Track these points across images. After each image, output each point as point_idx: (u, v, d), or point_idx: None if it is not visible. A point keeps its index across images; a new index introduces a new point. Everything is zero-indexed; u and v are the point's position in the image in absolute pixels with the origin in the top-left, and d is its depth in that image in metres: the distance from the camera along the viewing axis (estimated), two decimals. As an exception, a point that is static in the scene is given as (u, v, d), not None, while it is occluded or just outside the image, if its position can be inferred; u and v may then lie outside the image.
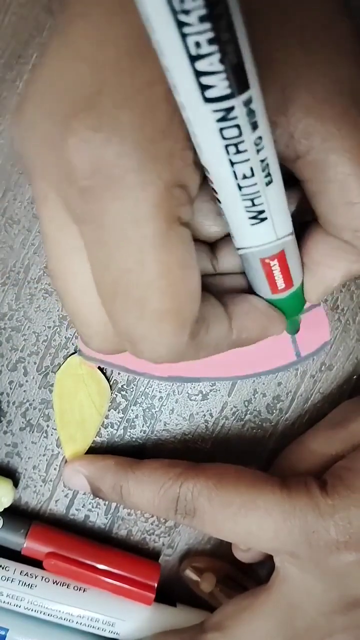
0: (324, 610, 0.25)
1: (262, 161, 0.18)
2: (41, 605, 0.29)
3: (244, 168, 0.18)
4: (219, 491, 0.26)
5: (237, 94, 0.16)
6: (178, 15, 0.13)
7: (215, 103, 0.16)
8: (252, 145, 0.17)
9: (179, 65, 0.15)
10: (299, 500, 0.24)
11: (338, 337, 0.30)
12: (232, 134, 0.17)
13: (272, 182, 0.19)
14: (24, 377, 0.30)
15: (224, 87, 0.15)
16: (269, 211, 0.19)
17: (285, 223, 0.21)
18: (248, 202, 0.19)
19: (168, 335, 0.19)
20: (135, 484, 0.27)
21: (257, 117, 0.17)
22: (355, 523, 0.24)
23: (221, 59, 0.15)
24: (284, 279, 0.22)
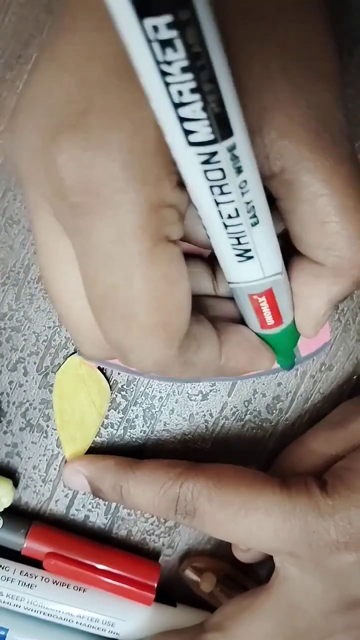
0: (324, 610, 0.25)
1: (247, 203, 0.18)
2: (41, 605, 0.29)
3: (228, 209, 0.18)
4: (219, 491, 0.26)
5: (220, 140, 0.16)
6: (161, 65, 0.14)
7: (199, 147, 0.16)
8: (236, 188, 0.17)
9: (164, 109, 0.15)
10: (299, 500, 0.24)
11: (338, 338, 0.30)
12: (216, 177, 0.17)
13: (259, 223, 0.19)
14: (24, 377, 0.30)
15: (207, 134, 0.16)
16: (255, 250, 0.20)
17: (274, 262, 0.21)
18: (234, 240, 0.19)
19: (155, 348, 0.20)
20: (136, 484, 0.27)
21: (242, 162, 0.17)
22: (355, 523, 0.24)
23: (203, 108, 0.15)
24: (273, 316, 0.23)
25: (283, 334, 0.24)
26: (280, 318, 0.23)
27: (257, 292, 0.22)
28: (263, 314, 0.23)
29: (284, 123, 0.19)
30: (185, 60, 0.14)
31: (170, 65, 0.14)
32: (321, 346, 0.30)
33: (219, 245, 0.20)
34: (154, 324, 0.19)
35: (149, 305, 0.19)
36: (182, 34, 0.13)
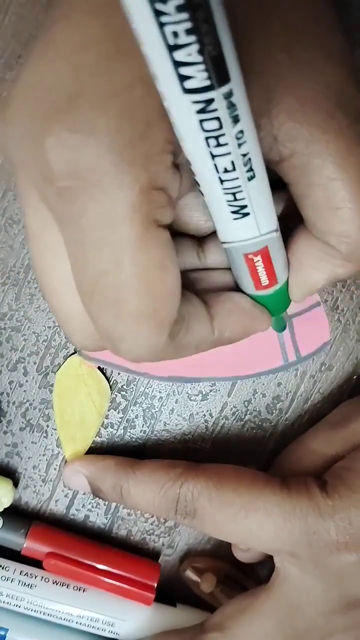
0: (324, 610, 0.25)
1: (243, 155, 0.18)
2: (41, 605, 0.29)
3: (225, 162, 0.17)
4: (219, 492, 0.26)
5: (217, 87, 0.15)
6: (155, 3, 0.13)
7: (195, 94, 0.15)
8: (233, 139, 0.17)
9: (158, 54, 0.14)
10: (299, 500, 0.24)
11: (338, 337, 0.30)
12: (213, 127, 0.16)
13: (255, 177, 0.18)
14: (24, 377, 0.30)
15: (203, 79, 0.15)
16: (251, 206, 0.19)
17: (269, 219, 0.20)
18: (230, 196, 0.19)
19: (145, 337, 0.20)
20: (136, 485, 0.27)
21: (239, 111, 0.16)
22: (355, 524, 0.24)
23: (200, 50, 0.14)
24: (268, 275, 0.22)
25: (277, 295, 0.24)
26: (275, 277, 0.23)
27: (252, 251, 0.21)
28: (258, 274, 0.22)
29: (292, 104, 0.18)
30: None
31: (165, 3, 0.13)
32: (321, 346, 0.30)
33: (214, 203, 0.20)
34: (145, 311, 0.19)
35: (140, 291, 0.19)
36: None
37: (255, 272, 0.22)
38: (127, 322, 0.19)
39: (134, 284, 0.18)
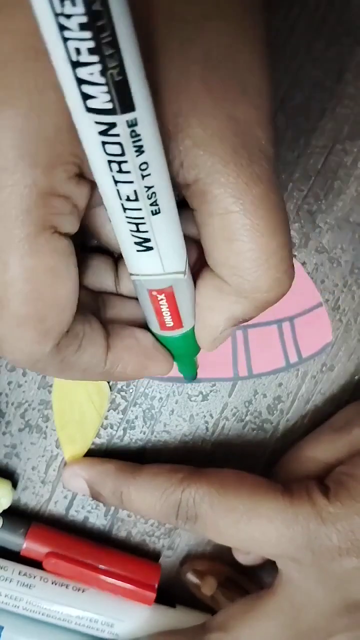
0: (326, 612, 0.25)
1: (147, 187, 0.17)
2: (40, 606, 0.29)
3: (127, 190, 0.17)
4: (221, 497, 0.25)
5: (119, 112, 0.15)
6: (59, 17, 0.13)
7: (97, 115, 0.15)
8: (136, 169, 0.17)
9: (63, 68, 0.14)
10: (301, 507, 0.24)
11: (339, 338, 0.30)
12: (115, 151, 0.16)
13: (160, 212, 0.18)
14: (23, 377, 0.30)
15: (105, 101, 0.15)
16: (155, 241, 0.19)
17: (176, 259, 0.20)
18: (132, 226, 0.19)
19: (26, 342, 0.19)
20: (136, 490, 0.27)
21: (144, 142, 0.16)
22: (357, 531, 0.24)
23: (102, 72, 0.14)
24: (173, 317, 0.22)
25: (184, 339, 0.23)
26: (180, 321, 0.22)
27: (156, 288, 0.21)
28: (162, 314, 0.22)
29: (199, 132, 0.18)
30: (84, 16, 0.13)
31: (69, 19, 0.13)
32: (323, 347, 0.30)
33: (118, 229, 0.19)
34: (28, 316, 0.19)
35: (24, 294, 0.18)
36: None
37: (160, 311, 0.22)
38: (9, 323, 0.19)
39: (19, 286, 0.18)
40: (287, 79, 0.28)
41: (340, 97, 0.28)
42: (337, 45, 0.28)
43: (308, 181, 0.29)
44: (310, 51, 0.28)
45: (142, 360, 0.24)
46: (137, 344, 0.24)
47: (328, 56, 0.28)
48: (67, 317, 0.20)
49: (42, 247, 0.18)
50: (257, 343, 0.29)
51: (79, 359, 0.22)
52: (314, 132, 0.28)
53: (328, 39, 0.28)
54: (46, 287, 0.19)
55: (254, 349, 0.29)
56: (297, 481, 0.26)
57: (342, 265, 0.29)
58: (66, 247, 0.19)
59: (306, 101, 0.28)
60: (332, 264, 0.29)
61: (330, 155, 0.28)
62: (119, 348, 0.23)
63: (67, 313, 0.20)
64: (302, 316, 0.29)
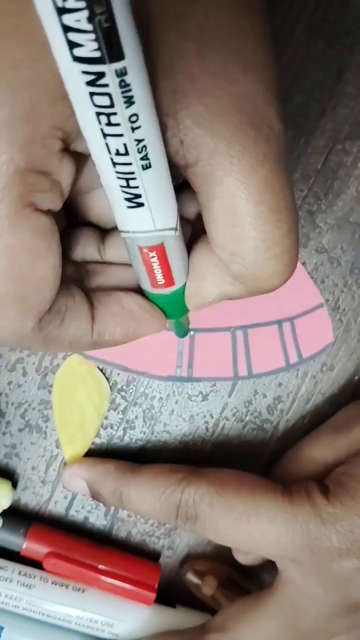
0: (326, 613, 0.25)
1: (138, 141, 0.17)
2: (40, 606, 0.29)
3: (117, 143, 0.17)
4: (220, 497, 0.25)
5: (108, 61, 0.14)
6: None
7: (84, 64, 0.15)
8: (126, 121, 0.16)
9: (48, 15, 0.14)
10: (301, 507, 0.24)
11: (339, 338, 0.30)
12: (104, 103, 0.16)
13: (151, 167, 0.18)
14: (23, 377, 0.30)
15: (93, 50, 0.14)
16: (145, 197, 0.18)
17: (167, 216, 0.20)
18: (123, 182, 0.18)
19: (9, 320, 0.19)
20: (136, 490, 0.27)
21: (134, 93, 0.15)
22: (357, 532, 0.24)
23: (89, 18, 0.14)
24: (164, 275, 0.22)
25: (175, 297, 0.23)
26: (172, 279, 0.22)
27: (147, 245, 0.20)
28: (154, 271, 0.22)
29: (200, 111, 0.17)
30: None
31: None
32: (323, 347, 0.30)
33: (109, 187, 0.19)
34: (8, 294, 0.19)
35: (4, 272, 0.18)
36: None
37: (151, 269, 0.22)
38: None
39: None
40: (287, 78, 0.28)
41: (340, 97, 0.28)
42: (337, 45, 0.28)
43: (308, 181, 0.29)
44: (310, 51, 0.28)
45: (129, 324, 0.23)
46: (122, 309, 0.23)
47: (328, 56, 0.28)
48: (48, 295, 0.20)
49: (21, 225, 0.18)
50: (257, 343, 0.29)
51: (62, 332, 0.21)
52: (314, 132, 0.28)
53: (328, 39, 0.28)
54: (26, 266, 0.18)
55: (254, 349, 0.29)
56: (297, 481, 0.26)
57: (342, 265, 0.29)
58: (47, 225, 0.19)
59: (306, 101, 0.28)
60: (332, 264, 0.29)
61: (330, 155, 0.28)
62: (105, 317, 0.23)
63: (48, 291, 0.20)
64: (302, 316, 0.29)
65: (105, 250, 0.25)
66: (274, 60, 0.18)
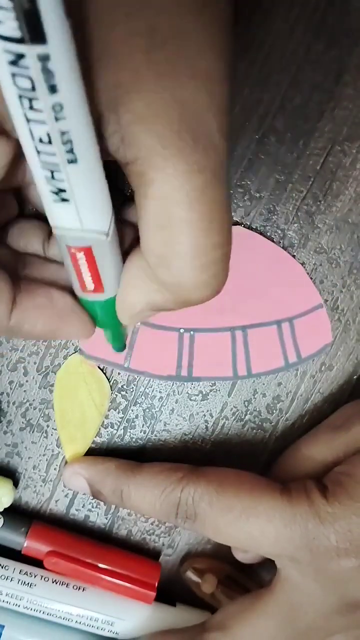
0: (324, 611, 0.25)
1: (62, 133, 0.16)
2: (40, 605, 0.29)
3: (40, 131, 0.16)
4: (220, 496, 0.25)
5: (29, 43, 0.14)
6: None
7: (5, 42, 0.14)
8: (48, 109, 0.16)
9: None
10: (300, 506, 0.24)
11: (338, 338, 0.30)
12: (25, 86, 0.15)
13: (77, 162, 0.17)
14: (24, 377, 0.30)
15: (13, 28, 0.14)
16: (71, 193, 0.18)
17: (97, 218, 0.19)
18: (47, 172, 0.17)
19: None
20: (136, 488, 0.27)
21: (57, 81, 0.15)
22: (355, 531, 0.24)
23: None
24: (93, 279, 0.21)
25: (107, 306, 0.22)
26: (101, 285, 0.21)
27: (75, 246, 0.20)
28: (82, 274, 0.21)
29: (140, 108, 0.17)
30: None
31: None
32: (322, 347, 0.30)
33: (35, 174, 0.18)
34: None
35: None
36: None
37: (80, 271, 0.21)
38: None
39: None
40: (286, 80, 0.28)
41: (339, 98, 0.28)
42: (336, 46, 0.28)
43: (307, 182, 0.29)
44: (309, 53, 0.28)
45: (53, 321, 0.23)
46: (50, 303, 0.23)
47: (327, 58, 0.28)
48: None
49: None
50: (256, 343, 0.29)
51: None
52: (312, 134, 0.28)
53: (327, 41, 0.28)
54: None
55: (253, 349, 0.29)
56: (296, 480, 0.26)
57: (341, 265, 0.30)
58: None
59: (305, 103, 0.28)
60: (330, 265, 0.30)
61: (329, 157, 0.29)
62: (28, 306, 0.22)
63: None
64: (301, 317, 0.29)
65: (49, 247, 0.25)
66: (229, 78, 0.18)
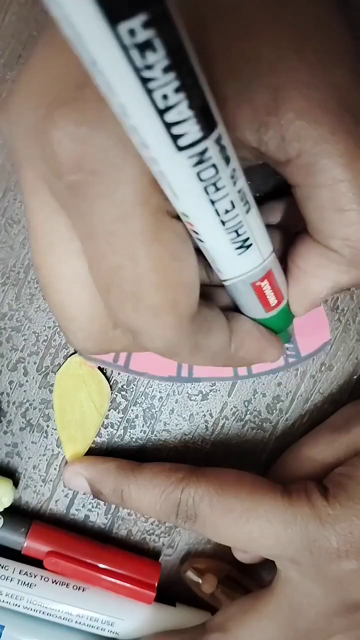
0: (325, 612, 0.25)
1: (239, 191, 0.18)
2: (40, 605, 0.29)
3: (224, 204, 0.17)
4: (220, 497, 0.25)
5: (208, 135, 0.15)
6: (141, 72, 0.13)
7: (189, 149, 0.15)
8: (229, 180, 0.17)
9: (147, 122, 0.14)
10: (300, 508, 0.24)
11: (338, 337, 0.30)
12: (210, 175, 0.16)
13: (251, 208, 0.19)
14: (24, 377, 0.30)
15: (196, 132, 0.15)
16: (253, 237, 0.19)
17: (267, 242, 0.20)
18: (233, 235, 0.19)
19: (164, 328, 0.19)
20: (137, 488, 0.27)
21: (228, 151, 0.16)
22: (356, 533, 0.24)
23: (190, 105, 0.14)
24: (275, 295, 0.22)
25: (281, 313, 0.23)
26: (282, 295, 0.23)
27: (259, 278, 0.21)
28: (267, 298, 0.22)
29: (301, 103, 0.18)
30: (166, 58, 0.13)
31: (152, 69, 0.13)
32: (321, 346, 0.30)
33: (217, 245, 0.19)
34: (162, 303, 0.19)
35: (156, 283, 0.18)
36: (160, 30, 0.12)
37: (264, 297, 0.22)
38: (146, 315, 0.19)
39: (150, 277, 0.18)
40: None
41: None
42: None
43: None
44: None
45: (261, 345, 0.24)
46: (256, 329, 0.24)
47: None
48: (195, 297, 0.20)
49: (163, 234, 0.18)
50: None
51: (209, 341, 0.22)
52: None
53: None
54: (174, 272, 0.18)
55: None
56: (296, 481, 0.26)
57: (341, 265, 0.30)
58: (181, 228, 0.19)
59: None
60: (330, 264, 0.30)
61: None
62: (241, 332, 0.23)
63: (194, 293, 0.20)
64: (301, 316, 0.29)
65: (213, 273, 0.25)
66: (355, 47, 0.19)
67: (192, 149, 0.15)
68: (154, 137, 0.15)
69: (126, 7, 0.12)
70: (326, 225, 0.20)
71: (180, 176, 0.16)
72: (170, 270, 0.18)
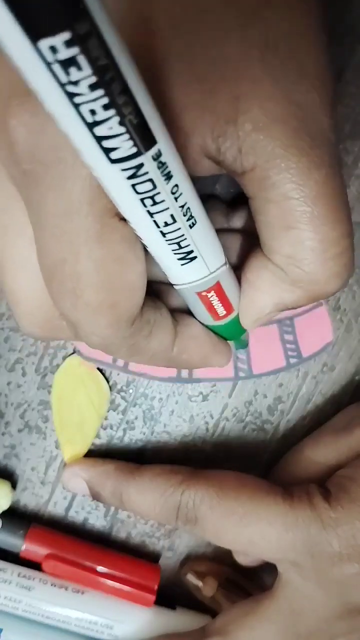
0: (326, 616, 0.25)
1: (182, 206, 0.17)
2: (39, 608, 0.29)
3: (164, 217, 0.17)
4: (220, 500, 0.25)
5: (144, 151, 0.15)
6: (66, 87, 0.13)
7: (122, 163, 0.15)
8: (169, 195, 0.17)
9: (77, 131, 0.14)
10: (302, 511, 0.24)
11: (340, 338, 0.30)
12: (146, 189, 0.16)
13: (196, 223, 0.18)
14: (22, 377, 0.30)
15: (129, 148, 0.15)
16: (197, 250, 0.19)
17: (217, 256, 0.20)
18: (174, 246, 0.19)
19: (100, 327, 0.20)
20: (136, 491, 0.27)
21: (170, 167, 0.16)
22: (358, 536, 0.24)
23: (121, 122, 0.14)
24: (224, 307, 0.22)
25: (233, 323, 0.23)
26: (231, 306, 0.22)
27: (205, 289, 0.21)
28: (214, 308, 0.22)
29: (259, 116, 0.17)
30: (93, 76, 0.13)
31: (77, 85, 0.13)
32: (323, 346, 0.30)
33: (159, 254, 0.19)
34: (100, 303, 0.19)
35: (96, 283, 0.19)
36: (85, 49, 0.12)
37: (212, 307, 0.22)
38: (84, 311, 0.19)
39: (90, 277, 0.18)
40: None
41: (341, 96, 0.28)
42: (338, 44, 0.28)
43: (309, 181, 0.29)
44: (310, 50, 0.28)
45: (206, 350, 0.24)
46: (203, 333, 0.24)
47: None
48: (137, 302, 0.20)
49: (109, 236, 0.18)
50: (257, 343, 0.29)
51: (149, 344, 0.22)
52: (314, 132, 0.28)
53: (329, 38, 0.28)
54: (115, 275, 0.19)
55: (254, 349, 0.29)
56: (298, 484, 0.26)
57: (343, 265, 0.29)
58: (132, 233, 0.19)
59: (307, 100, 0.28)
60: (332, 264, 0.29)
61: (330, 155, 0.28)
62: (186, 335, 0.23)
63: (137, 298, 0.20)
64: (302, 316, 0.29)
65: None
66: (330, 71, 0.19)
67: (126, 163, 0.15)
68: (85, 147, 0.15)
69: (47, 25, 0.11)
70: (274, 242, 0.20)
71: (115, 186, 0.16)
72: (112, 272, 0.19)
